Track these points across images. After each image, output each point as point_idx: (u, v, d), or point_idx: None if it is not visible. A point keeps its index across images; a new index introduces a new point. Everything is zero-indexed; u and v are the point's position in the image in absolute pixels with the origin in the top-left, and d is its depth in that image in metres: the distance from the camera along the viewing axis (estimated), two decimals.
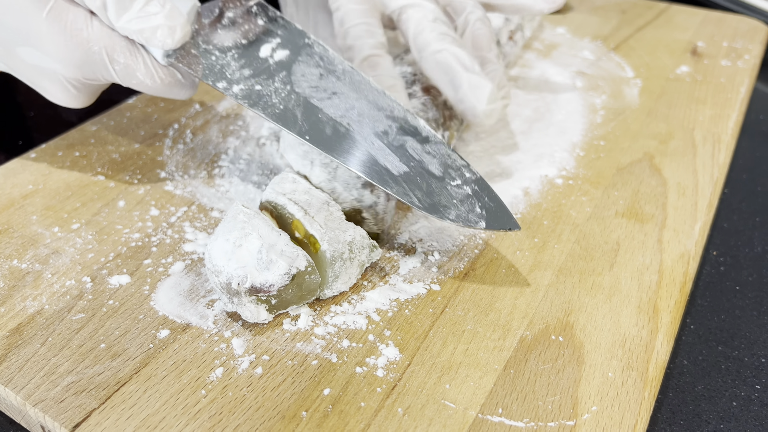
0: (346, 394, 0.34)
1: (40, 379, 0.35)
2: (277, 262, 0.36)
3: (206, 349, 0.36)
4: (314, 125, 0.40)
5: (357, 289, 0.40)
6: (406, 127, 0.41)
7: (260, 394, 0.34)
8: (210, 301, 0.39)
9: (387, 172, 0.39)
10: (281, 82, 0.41)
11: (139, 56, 0.39)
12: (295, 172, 0.42)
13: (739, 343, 0.42)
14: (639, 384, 0.35)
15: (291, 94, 0.40)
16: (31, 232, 0.44)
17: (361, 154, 0.39)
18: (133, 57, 0.39)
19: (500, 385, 0.35)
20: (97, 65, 0.40)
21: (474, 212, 0.39)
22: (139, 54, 0.39)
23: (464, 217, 0.39)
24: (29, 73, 0.42)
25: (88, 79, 0.41)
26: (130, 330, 0.37)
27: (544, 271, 0.42)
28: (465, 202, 0.39)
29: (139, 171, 0.50)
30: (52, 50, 0.39)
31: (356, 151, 0.39)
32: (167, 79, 0.40)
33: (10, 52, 0.41)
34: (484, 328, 0.38)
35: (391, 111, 0.41)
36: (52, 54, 0.39)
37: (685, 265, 0.43)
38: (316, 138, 0.39)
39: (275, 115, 0.40)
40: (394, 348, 0.37)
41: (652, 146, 0.54)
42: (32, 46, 0.40)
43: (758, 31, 0.73)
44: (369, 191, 0.41)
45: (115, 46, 0.39)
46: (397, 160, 0.40)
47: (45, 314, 0.38)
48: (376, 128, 0.40)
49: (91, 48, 0.39)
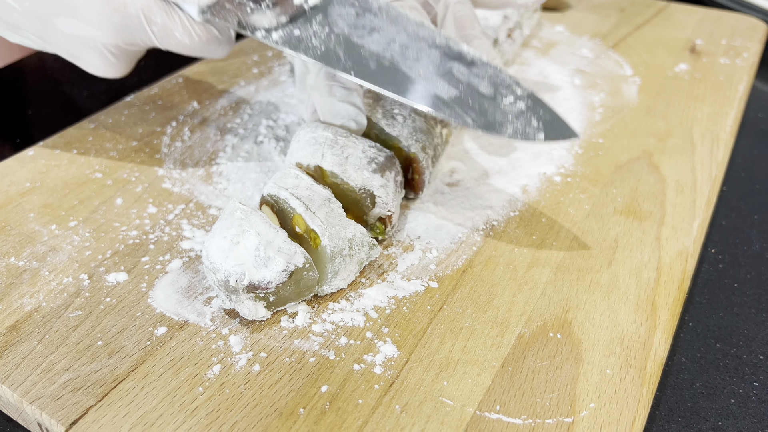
0: (343, 391, 0.34)
1: (37, 377, 0.35)
2: (275, 259, 0.36)
3: (204, 347, 0.36)
4: (357, 61, 0.40)
5: (355, 286, 0.40)
6: (450, 53, 0.41)
7: (257, 391, 0.34)
8: (207, 299, 0.39)
9: (437, 98, 0.39)
10: (319, 25, 0.41)
11: (175, 15, 0.40)
12: (298, 168, 0.42)
13: (737, 340, 0.41)
14: (637, 381, 0.35)
15: (330, 35, 0.40)
16: (28, 230, 0.44)
17: (408, 83, 0.39)
18: (169, 17, 0.40)
19: (498, 382, 0.35)
20: (135, 28, 0.40)
21: (531, 126, 0.39)
22: (175, 13, 0.40)
23: (522, 131, 0.39)
24: (68, 44, 0.42)
25: (127, 44, 0.41)
26: (127, 327, 0.37)
27: (542, 268, 0.42)
28: (520, 118, 0.39)
29: (136, 169, 0.50)
30: (91, 17, 0.39)
31: (404, 81, 0.40)
32: (205, 36, 0.40)
33: (48, 25, 0.41)
34: (482, 325, 0.38)
35: (433, 40, 0.41)
36: (91, 20, 0.40)
37: (684, 263, 0.42)
38: (361, 73, 0.39)
39: (318, 56, 0.40)
40: (391, 345, 0.36)
41: (651, 144, 0.54)
42: (70, 16, 0.40)
43: (757, 29, 0.73)
44: (379, 174, 0.42)
45: (152, 6, 0.39)
46: (446, 84, 0.40)
47: (42, 311, 0.38)
48: (420, 57, 0.41)
49: (128, 11, 0.39)
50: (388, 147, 0.45)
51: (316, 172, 0.42)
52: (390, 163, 0.43)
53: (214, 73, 0.62)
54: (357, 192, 0.41)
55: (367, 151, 0.43)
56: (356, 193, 0.41)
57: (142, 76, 0.66)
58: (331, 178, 0.42)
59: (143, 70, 0.67)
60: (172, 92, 0.59)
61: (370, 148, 0.43)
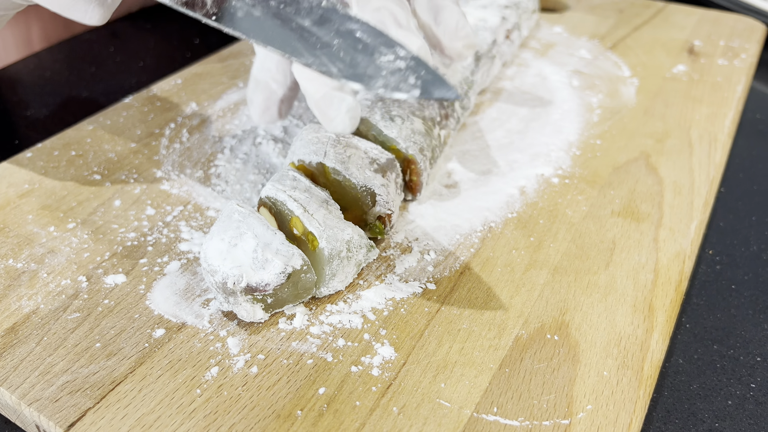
0: (341, 393, 0.34)
1: (35, 379, 0.35)
2: (273, 261, 0.36)
3: (201, 349, 0.36)
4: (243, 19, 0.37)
5: (353, 288, 0.40)
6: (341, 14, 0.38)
7: (255, 393, 0.34)
8: (206, 301, 0.39)
9: (305, 47, 0.36)
10: None
11: None
12: (296, 170, 0.42)
13: (734, 341, 0.42)
14: (634, 383, 0.35)
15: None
16: (26, 232, 0.44)
17: (279, 33, 0.37)
18: None
19: (495, 384, 0.35)
20: None
21: (407, 82, 0.35)
22: None
23: (394, 86, 0.35)
24: None
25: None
26: (125, 329, 0.37)
27: (540, 270, 0.42)
28: (396, 74, 0.36)
29: (135, 170, 0.50)
30: None
31: (274, 31, 0.37)
32: None
33: None
34: (479, 327, 0.38)
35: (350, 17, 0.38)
36: None
37: (681, 264, 0.43)
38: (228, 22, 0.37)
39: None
40: (389, 347, 0.37)
41: (649, 145, 0.54)
42: None
43: (755, 30, 0.73)
44: (380, 175, 0.42)
45: None
46: (322, 38, 0.37)
47: (40, 314, 0.38)
48: (306, 15, 0.37)
49: None
50: (386, 148, 0.45)
51: (318, 169, 0.42)
52: (391, 165, 0.43)
53: (212, 74, 0.62)
54: (358, 189, 0.41)
55: (369, 152, 0.43)
56: (357, 190, 0.41)
57: (141, 78, 0.66)
58: (333, 174, 0.42)
59: (141, 72, 0.68)
60: (170, 94, 0.59)
61: (372, 149, 0.43)
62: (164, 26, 0.78)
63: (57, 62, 0.69)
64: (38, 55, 0.70)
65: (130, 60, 0.70)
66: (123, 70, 0.68)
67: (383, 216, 0.43)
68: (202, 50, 0.70)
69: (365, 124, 0.46)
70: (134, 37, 0.75)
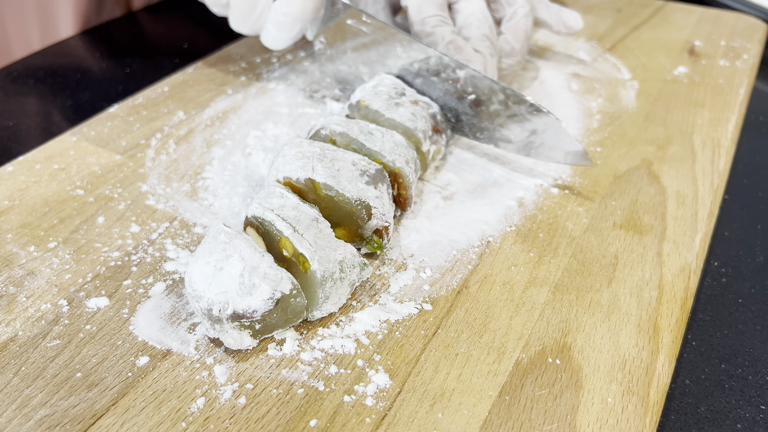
0: (333, 426, 0.33)
1: (12, 413, 0.33)
2: (260, 287, 0.34)
3: (187, 378, 0.35)
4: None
5: (346, 309, 0.39)
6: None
7: (243, 426, 0.33)
8: (192, 325, 0.38)
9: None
10: None
11: None
12: (283, 186, 0.40)
13: (742, 360, 0.40)
14: (640, 410, 0.34)
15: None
16: (5, 252, 0.42)
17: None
18: None
19: (495, 414, 0.33)
20: None
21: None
22: None
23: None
24: None
25: None
26: (107, 357, 0.36)
27: (540, 287, 0.40)
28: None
29: (119, 184, 0.48)
30: None
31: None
32: None
33: None
34: (478, 350, 0.36)
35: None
36: None
37: (686, 280, 0.41)
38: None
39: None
40: (384, 374, 0.35)
41: (650, 152, 0.52)
42: None
43: (757, 29, 0.71)
44: (373, 186, 0.40)
45: None
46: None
47: (18, 341, 0.37)
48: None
49: None
50: None
51: (307, 185, 0.40)
52: (381, 175, 0.42)
53: (200, 81, 0.60)
54: (353, 204, 0.40)
55: (357, 163, 0.41)
56: (352, 205, 0.40)
57: (128, 85, 0.64)
58: (325, 190, 0.40)
59: (128, 78, 0.66)
60: (157, 102, 0.57)
61: (359, 161, 0.42)
62: (152, 31, 0.76)
63: (40, 69, 0.67)
64: (21, 61, 0.68)
65: (116, 66, 0.68)
66: (109, 76, 0.66)
67: (380, 229, 0.41)
68: (191, 55, 0.68)
69: (345, 138, 0.44)
70: (121, 41, 0.73)
